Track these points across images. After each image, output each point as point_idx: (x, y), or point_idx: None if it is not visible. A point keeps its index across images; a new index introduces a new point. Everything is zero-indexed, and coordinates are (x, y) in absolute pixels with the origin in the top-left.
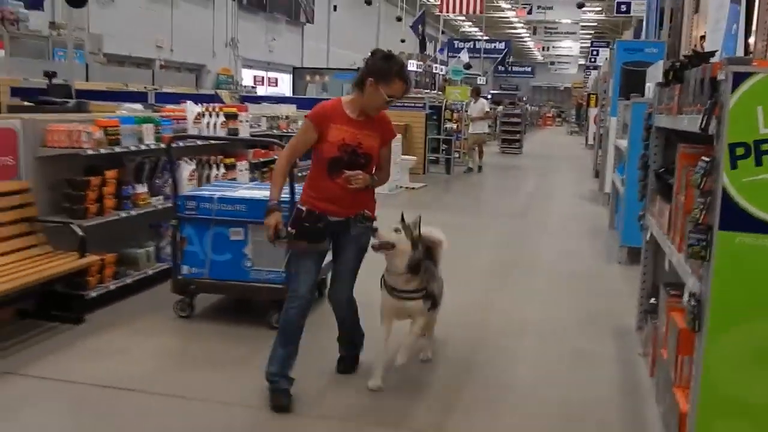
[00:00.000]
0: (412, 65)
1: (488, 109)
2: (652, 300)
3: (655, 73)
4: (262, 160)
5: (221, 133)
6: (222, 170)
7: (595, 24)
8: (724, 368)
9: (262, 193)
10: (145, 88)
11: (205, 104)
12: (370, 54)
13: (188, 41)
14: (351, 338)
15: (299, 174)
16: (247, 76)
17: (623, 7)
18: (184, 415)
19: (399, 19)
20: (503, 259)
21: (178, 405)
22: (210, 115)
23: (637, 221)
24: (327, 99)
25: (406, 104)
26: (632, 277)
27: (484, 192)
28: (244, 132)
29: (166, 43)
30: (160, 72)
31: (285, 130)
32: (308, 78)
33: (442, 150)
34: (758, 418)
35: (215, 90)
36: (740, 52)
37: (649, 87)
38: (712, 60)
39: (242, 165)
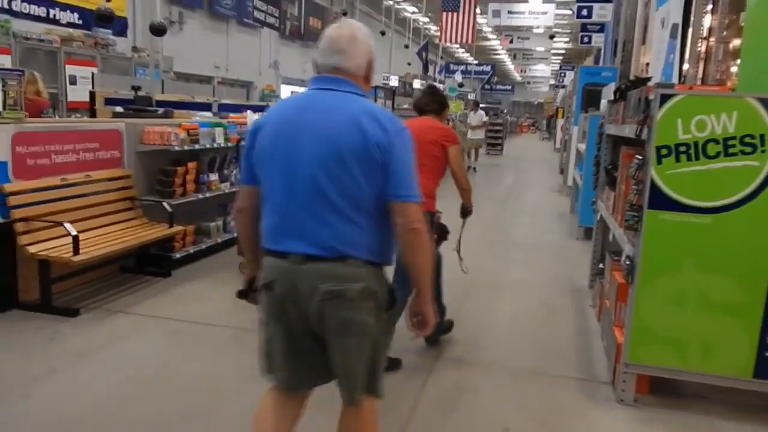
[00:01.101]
0: (417, 83)
1: (485, 119)
2: (600, 265)
3: (608, 93)
4: None
5: None
6: None
7: (564, 51)
8: (649, 310)
9: None
10: (207, 99)
11: (260, 112)
12: (430, 88)
13: (240, 62)
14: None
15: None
16: (285, 91)
17: (586, 39)
18: (248, 341)
19: (406, 46)
20: (489, 233)
21: (246, 335)
22: None
23: (591, 206)
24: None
25: (412, 114)
26: (586, 249)
27: (474, 184)
28: None
29: (223, 64)
30: (218, 87)
31: None
32: None
33: None
34: (674, 346)
35: (267, 102)
36: (675, 78)
37: (604, 103)
38: (649, 84)
39: None
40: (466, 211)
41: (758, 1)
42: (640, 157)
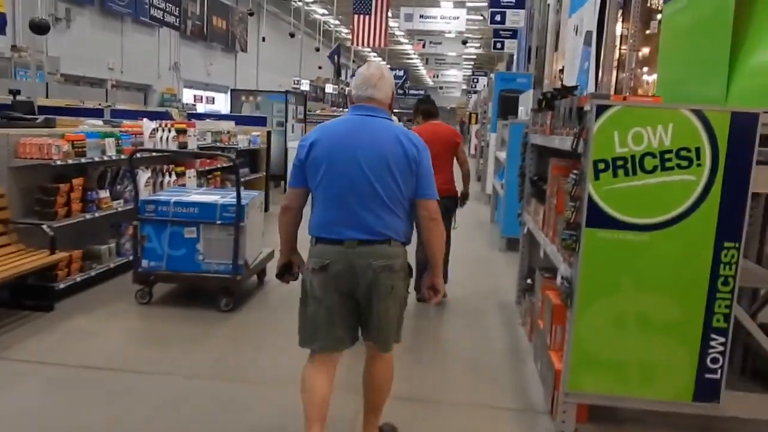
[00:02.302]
0: (329, 88)
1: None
2: (528, 281)
3: (525, 99)
4: (207, 168)
5: (173, 145)
6: (174, 177)
7: (475, 57)
8: (590, 334)
9: (212, 197)
10: (99, 104)
11: (158, 120)
12: (428, 96)
13: (136, 64)
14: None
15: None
16: (187, 95)
17: (498, 45)
18: (147, 389)
19: (317, 49)
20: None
21: (142, 380)
22: (163, 130)
23: (516, 218)
24: (260, 117)
25: (319, 121)
26: (511, 261)
27: None
28: (192, 145)
29: (117, 65)
30: (112, 91)
31: (226, 143)
32: (243, 98)
33: None
34: (617, 371)
35: (166, 108)
36: (592, 85)
37: (522, 110)
38: (575, 93)
39: (191, 173)
40: (466, 196)
41: (672, 12)
42: (576, 172)
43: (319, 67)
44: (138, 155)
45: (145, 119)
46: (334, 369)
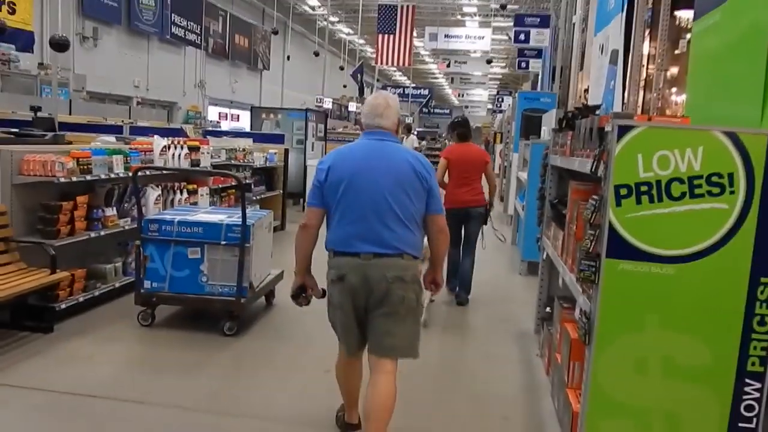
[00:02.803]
0: (352, 106)
1: (417, 145)
2: (548, 309)
3: (549, 119)
4: (221, 186)
5: (185, 163)
6: (185, 195)
7: (500, 77)
8: (609, 375)
9: (218, 216)
10: (122, 121)
11: (171, 138)
12: (465, 119)
13: (162, 82)
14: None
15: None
16: (212, 112)
17: (523, 64)
18: (133, 419)
19: (341, 68)
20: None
21: (130, 409)
22: (175, 147)
23: (536, 242)
24: (278, 134)
25: (346, 139)
26: (531, 286)
27: None
28: (206, 162)
29: (142, 83)
30: (136, 108)
31: (241, 161)
32: (264, 116)
33: None
34: (639, 418)
35: (181, 125)
36: (618, 104)
37: (545, 130)
38: (598, 113)
39: (203, 191)
40: (491, 204)
41: (702, 29)
42: (595, 198)
43: (344, 86)
44: (147, 172)
45: (155, 136)
46: (360, 365)
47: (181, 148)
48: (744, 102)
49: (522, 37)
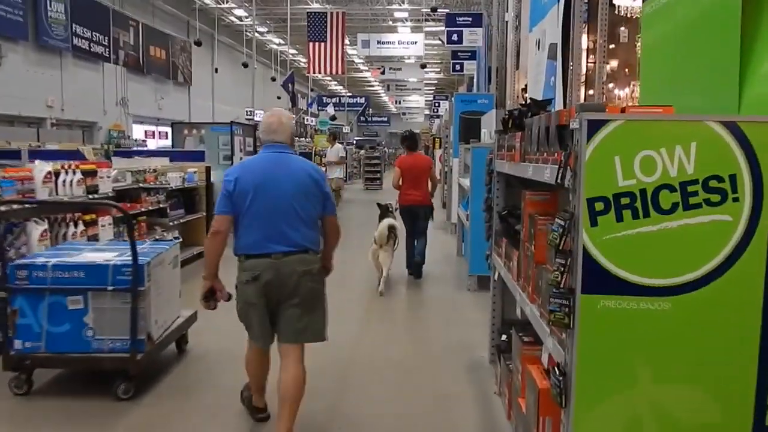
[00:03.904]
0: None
1: (343, 154)
2: (503, 337)
3: (488, 121)
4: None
5: (78, 190)
6: (80, 228)
7: (436, 82)
8: None
9: (106, 255)
10: (30, 145)
11: (60, 162)
12: (412, 133)
13: (79, 100)
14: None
15: None
16: (138, 131)
17: (458, 67)
18: None
19: (273, 79)
20: (367, 288)
21: None
22: (66, 173)
23: (485, 260)
24: (198, 151)
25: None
26: (482, 303)
27: (350, 223)
28: (106, 188)
29: (57, 103)
30: (50, 130)
31: (152, 183)
32: (186, 132)
33: None
34: None
35: (79, 147)
36: (560, 102)
37: (485, 132)
38: (550, 108)
39: (104, 220)
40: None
41: (655, 10)
42: (564, 217)
43: (278, 98)
44: (21, 205)
45: (37, 161)
46: (269, 356)
47: (73, 173)
48: (714, 89)
49: (455, 37)
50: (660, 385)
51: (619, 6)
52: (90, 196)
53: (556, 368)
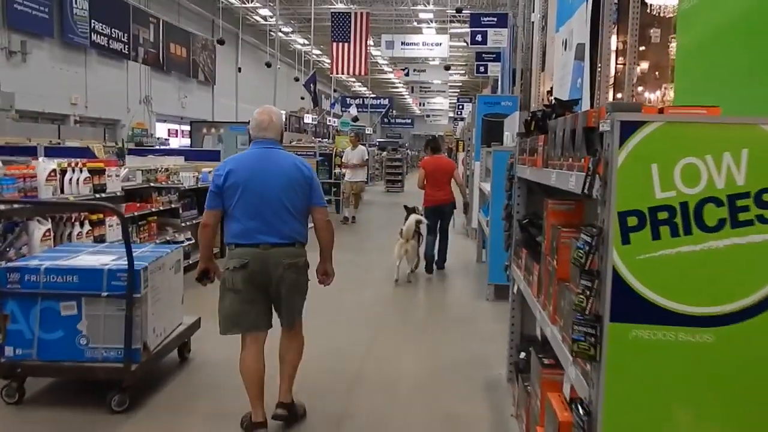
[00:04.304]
0: (308, 118)
1: (367, 157)
2: (522, 355)
3: (511, 123)
4: (137, 213)
5: (85, 189)
6: (87, 228)
7: (460, 84)
8: None
9: (103, 259)
10: (50, 142)
11: (67, 159)
12: (436, 136)
13: (103, 98)
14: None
15: None
16: (161, 129)
17: (482, 68)
18: None
19: (296, 79)
20: (383, 294)
21: None
22: (73, 171)
23: (504, 271)
24: (213, 150)
25: (298, 152)
26: (500, 314)
27: (370, 227)
28: (114, 187)
29: (81, 100)
30: (73, 127)
31: (163, 183)
32: (204, 131)
33: (333, 192)
34: None
35: (89, 144)
36: (587, 104)
37: (507, 135)
38: (577, 109)
39: (112, 220)
40: (465, 205)
41: (689, 7)
42: (590, 233)
43: (302, 98)
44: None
45: (41, 159)
46: (262, 350)
47: (80, 171)
48: (757, 90)
49: (479, 38)
50: (703, 429)
51: (651, 5)
52: (97, 195)
53: (579, 405)
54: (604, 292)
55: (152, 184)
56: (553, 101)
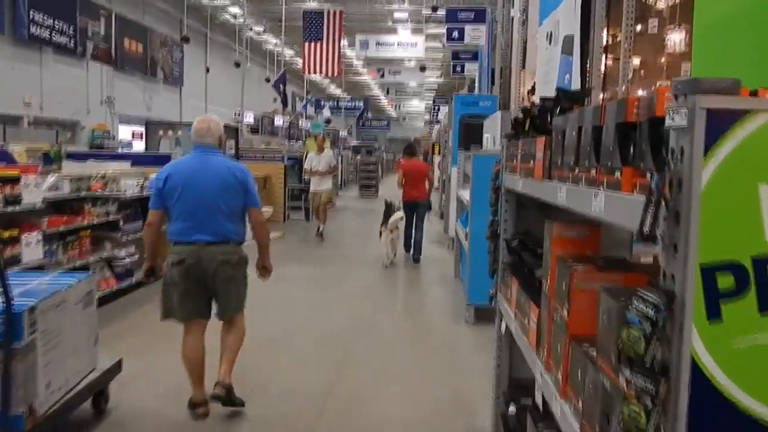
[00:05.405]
0: (279, 120)
1: (334, 163)
2: (512, 408)
3: (492, 125)
4: (63, 228)
5: None
6: None
7: (437, 86)
8: None
9: None
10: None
11: None
12: (413, 141)
13: (60, 98)
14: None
15: None
16: (124, 131)
17: (458, 68)
18: None
19: (267, 80)
20: (353, 320)
21: None
22: None
23: (488, 299)
24: (166, 154)
25: (265, 156)
26: (481, 341)
27: (340, 236)
28: (34, 198)
29: (35, 100)
30: (26, 129)
31: (100, 191)
32: (161, 132)
33: (303, 198)
34: None
35: (7, 147)
36: None
37: (488, 138)
38: (588, 101)
39: (32, 237)
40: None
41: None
42: (655, 302)
43: (274, 99)
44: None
45: None
46: (201, 336)
47: None
48: None
49: (455, 34)
50: None
51: None
52: (9, 208)
53: None
54: (677, 402)
55: (83, 194)
56: (562, 93)
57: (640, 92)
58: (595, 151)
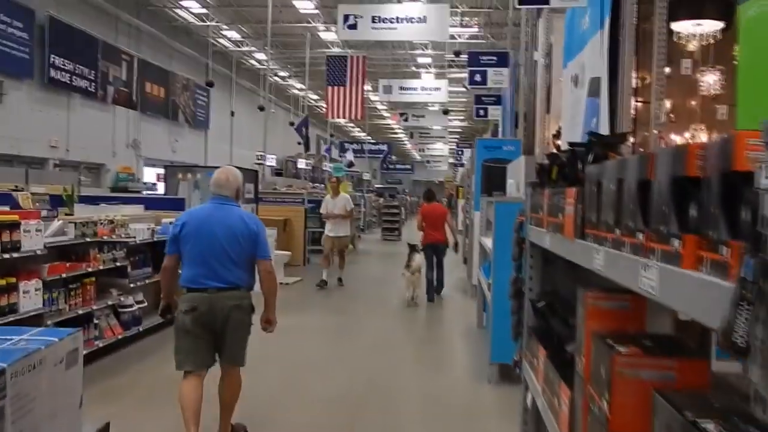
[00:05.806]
0: (302, 163)
1: (351, 207)
2: None
3: (516, 170)
4: (65, 275)
5: None
6: None
7: (460, 130)
8: None
9: None
10: (15, 186)
11: None
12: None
13: (86, 141)
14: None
15: None
16: (149, 174)
17: (481, 112)
18: None
19: (292, 124)
20: (366, 379)
21: None
22: None
23: (512, 365)
24: (179, 198)
25: (286, 200)
26: (506, 405)
27: (360, 283)
28: (35, 244)
29: (62, 143)
30: (52, 171)
31: (108, 237)
32: (180, 176)
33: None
34: None
35: (13, 190)
36: None
37: (511, 183)
38: (629, 145)
39: (29, 285)
40: (456, 244)
41: (760, 12)
42: None
43: (299, 143)
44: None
45: None
46: (201, 383)
47: None
48: None
49: (478, 77)
50: None
51: (679, 33)
52: (6, 255)
53: None
54: None
55: (89, 239)
56: (595, 136)
57: (672, 136)
58: (641, 210)
